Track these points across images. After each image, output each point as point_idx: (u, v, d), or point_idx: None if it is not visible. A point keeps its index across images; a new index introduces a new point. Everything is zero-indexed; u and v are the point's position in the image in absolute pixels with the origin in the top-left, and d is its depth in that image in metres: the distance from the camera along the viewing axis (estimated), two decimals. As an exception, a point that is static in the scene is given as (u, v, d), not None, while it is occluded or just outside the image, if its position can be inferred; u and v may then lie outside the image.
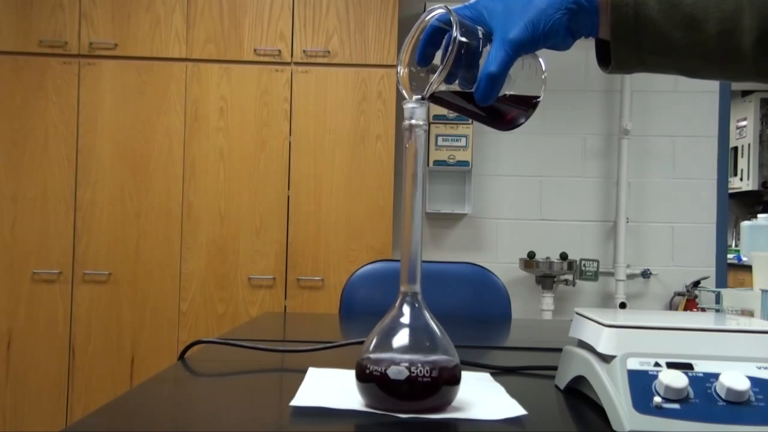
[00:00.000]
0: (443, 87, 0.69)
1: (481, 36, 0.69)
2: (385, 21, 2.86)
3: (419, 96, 0.68)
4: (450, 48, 0.65)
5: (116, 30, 2.83)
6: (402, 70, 0.71)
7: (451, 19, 0.66)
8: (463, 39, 0.66)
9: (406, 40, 0.72)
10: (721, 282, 3.34)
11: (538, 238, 3.33)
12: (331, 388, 0.75)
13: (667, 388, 0.57)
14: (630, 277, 3.33)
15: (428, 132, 3.18)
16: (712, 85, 3.36)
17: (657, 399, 0.57)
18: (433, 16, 0.70)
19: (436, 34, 0.70)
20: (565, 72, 3.34)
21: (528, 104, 0.73)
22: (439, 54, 0.70)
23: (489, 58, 0.66)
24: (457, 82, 0.69)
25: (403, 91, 0.70)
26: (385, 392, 0.64)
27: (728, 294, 1.78)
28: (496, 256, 3.33)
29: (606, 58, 0.73)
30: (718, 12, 0.67)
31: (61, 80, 2.81)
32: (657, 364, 0.61)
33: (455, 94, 0.70)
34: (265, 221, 2.82)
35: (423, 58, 0.70)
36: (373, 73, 2.85)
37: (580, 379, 0.72)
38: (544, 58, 0.72)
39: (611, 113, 3.37)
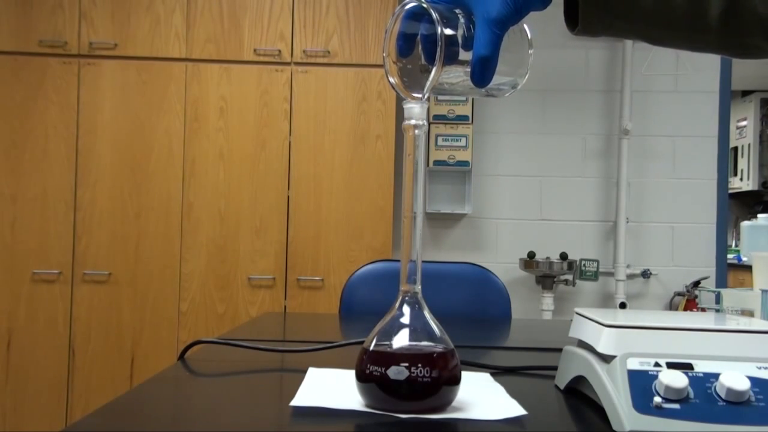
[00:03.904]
0: (446, 81, 0.69)
1: (459, 16, 0.68)
2: (385, 21, 2.86)
3: (418, 96, 0.67)
4: (439, 48, 0.65)
5: (116, 30, 2.83)
6: (393, 80, 0.70)
7: (430, 11, 0.66)
8: (449, 31, 0.66)
9: (384, 38, 0.71)
10: (721, 282, 3.34)
11: (538, 238, 3.33)
12: (331, 388, 0.75)
13: (667, 388, 0.57)
14: (630, 277, 3.33)
15: (428, 132, 3.19)
16: (712, 85, 3.37)
17: (657, 399, 0.57)
18: (405, 10, 0.69)
19: (411, 22, 0.69)
20: (565, 72, 3.34)
21: (521, 68, 0.73)
22: (418, 39, 0.70)
23: (477, 41, 0.66)
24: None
25: (400, 93, 0.70)
26: (385, 392, 0.64)
27: (728, 294, 1.78)
28: (496, 256, 3.33)
29: (573, 19, 0.72)
30: None
31: (61, 80, 2.81)
32: (657, 364, 0.61)
33: (451, 82, 0.70)
34: (265, 221, 2.82)
35: (405, 50, 0.70)
36: (373, 73, 2.85)
37: (580, 379, 0.72)
38: (528, 22, 0.72)
39: (611, 113, 3.37)
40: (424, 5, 0.66)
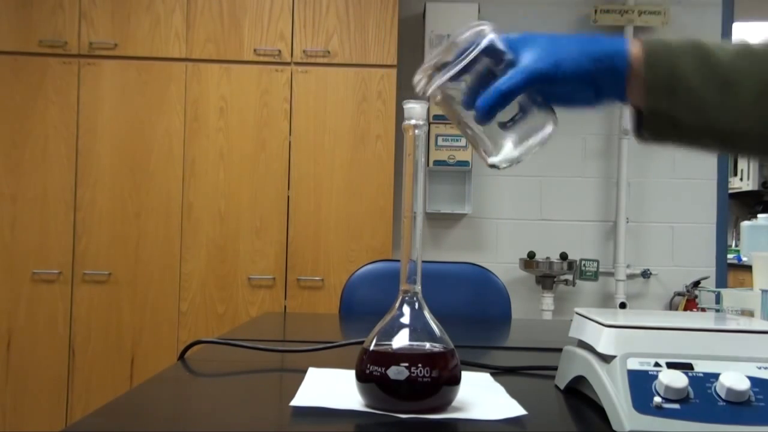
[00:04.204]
0: (456, 96, 0.70)
1: (508, 61, 0.69)
2: (385, 21, 2.86)
3: (423, 91, 0.68)
4: (468, 52, 0.66)
5: (116, 30, 2.83)
6: (427, 67, 0.70)
7: (491, 34, 0.67)
8: (494, 44, 0.67)
9: (443, 45, 0.70)
10: (721, 282, 3.34)
11: (538, 238, 3.33)
12: (331, 388, 0.75)
13: (667, 388, 0.57)
14: (630, 277, 3.33)
15: (428, 132, 3.19)
16: (712, 85, 3.36)
17: (657, 399, 0.57)
18: (483, 37, 0.68)
19: (483, 58, 0.69)
20: (565, 72, 3.34)
21: (526, 142, 0.73)
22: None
23: (505, 77, 0.67)
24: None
25: (415, 82, 0.69)
26: (385, 392, 0.64)
27: (728, 294, 1.78)
28: (496, 256, 3.33)
29: (641, 127, 0.72)
30: (755, 75, 0.65)
31: (61, 80, 2.81)
32: (657, 364, 0.61)
33: (462, 106, 0.70)
34: (265, 221, 2.82)
35: (456, 75, 0.69)
36: (373, 73, 2.85)
37: (580, 379, 0.72)
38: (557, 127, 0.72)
39: (611, 113, 3.37)
40: (494, 32, 0.67)
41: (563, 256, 3.17)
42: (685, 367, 0.60)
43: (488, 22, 0.70)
